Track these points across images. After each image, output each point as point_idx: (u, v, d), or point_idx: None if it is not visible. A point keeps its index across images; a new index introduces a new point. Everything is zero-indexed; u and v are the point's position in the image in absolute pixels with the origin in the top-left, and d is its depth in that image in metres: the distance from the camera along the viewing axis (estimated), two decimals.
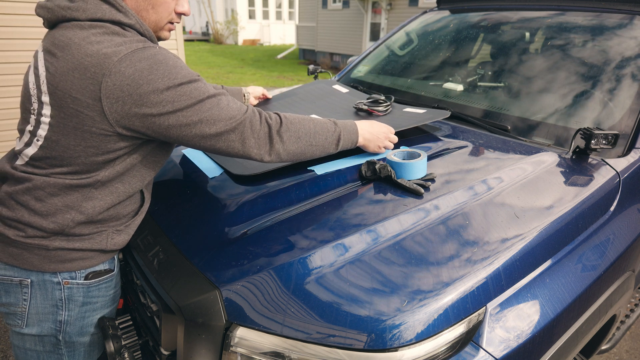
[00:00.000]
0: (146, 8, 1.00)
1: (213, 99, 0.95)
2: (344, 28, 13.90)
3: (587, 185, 1.23)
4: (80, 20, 0.91)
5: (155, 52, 0.91)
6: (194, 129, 0.93)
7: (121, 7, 0.95)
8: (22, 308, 0.98)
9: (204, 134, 0.95)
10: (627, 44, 1.59)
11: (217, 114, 0.94)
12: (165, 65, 0.90)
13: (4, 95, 3.02)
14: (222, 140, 0.97)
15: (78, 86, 0.87)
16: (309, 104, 1.77)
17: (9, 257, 0.95)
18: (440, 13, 2.46)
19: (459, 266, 0.90)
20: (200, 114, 0.93)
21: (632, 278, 1.32)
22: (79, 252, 0.99)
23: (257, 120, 1.00)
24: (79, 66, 0.86)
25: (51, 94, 0.90)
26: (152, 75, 0.88)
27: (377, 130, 1.28)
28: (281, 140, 1.03)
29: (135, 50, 0.88)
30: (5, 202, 0.95)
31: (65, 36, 0.90)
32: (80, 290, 1.01)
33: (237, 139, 0.98)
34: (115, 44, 0.88)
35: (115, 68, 0.85)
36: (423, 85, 2.03)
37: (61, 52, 0.89)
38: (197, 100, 0.92)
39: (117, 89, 0.86)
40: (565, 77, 1.62)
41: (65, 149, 0.92)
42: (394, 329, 0.79)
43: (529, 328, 0.93)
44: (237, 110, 0.98)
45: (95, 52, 0.86)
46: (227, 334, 0.86)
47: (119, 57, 0.86)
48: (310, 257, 0.91)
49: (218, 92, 0.97)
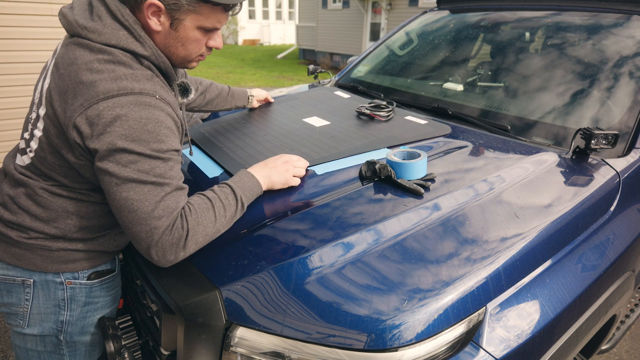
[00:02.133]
0: (175, 45, 0.96)
1: (158, 188, 0.85)
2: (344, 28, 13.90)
3: (587, 185, 1.23)
4: (93, 42, 0.88)
5: (145, 108, 0.85)
6: (117, 194, 0.84)
7: (139, 37, 0.90)
8: (24, 308, 0.98)
9: (120, 205, 0.85)
10: (627, 44, 1.59)
11: (142, 205, 0.84)
12: (144, 127, 0.84)
13: (4, 95, 3.02)
14: (129, 225, 0.86)
15: (65, 109, 0.85)
16: (311, 107, 1.79)
17: (11, 258, 0.96)
18: (440, 13, 2.46)
19: (459, 266, 0.90)
20: (130, 193, 0.83)
21: (632, 278, 1.32)
22: (82, 252, 0.99)
23: (168, 238, 0.87)
24: (72, 90, 0.85)
25: (46, 108, 0.89)
26: (125, 129, 0.82)
27: (273, 163, 1.13)
28: (184, 251, 0.90)
29: (127, 94, 0.84)
30: (7, 206, 0.96)
31: (73, 54, 0.88)
32: (83, 290, 1.01)
33: (143, 237, 0.86)
34: (114, 76, 0.85)
35: (99, 105, 0.82)
36: (423, 85, 2.03)
37: (64, 69, 0.88)
38: (141, 178, 0.84)
39: (90, 123, 0.83)
40: (565, 77, 1.62)
41: (52, 167, 0.92)
42: (394, 329, 0.79)
43: (529, 328, 0.93)
44: (161, 220, 0.85)
45: (90, 82, 0.84)
46: (227, 334, 0.86)
47: (106, 95, 0.83)
48: (310, 257, 0.91)
49: (170, 186, 0.87)
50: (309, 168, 1.25)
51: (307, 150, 1.34)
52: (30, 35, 3.00)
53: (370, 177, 1.18)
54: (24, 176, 0.95)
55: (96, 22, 0.88)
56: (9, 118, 3.09)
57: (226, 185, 1.00)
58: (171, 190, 0.87)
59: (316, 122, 1.60)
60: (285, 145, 1.38)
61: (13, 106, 3.08)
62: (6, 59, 2.96)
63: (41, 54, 3.08)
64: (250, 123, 1.62)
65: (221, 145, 1.41)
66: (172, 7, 0.89)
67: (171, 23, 0.92)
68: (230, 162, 1.29)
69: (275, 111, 1.76)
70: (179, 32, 0.93)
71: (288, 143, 1.41)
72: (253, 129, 1.55)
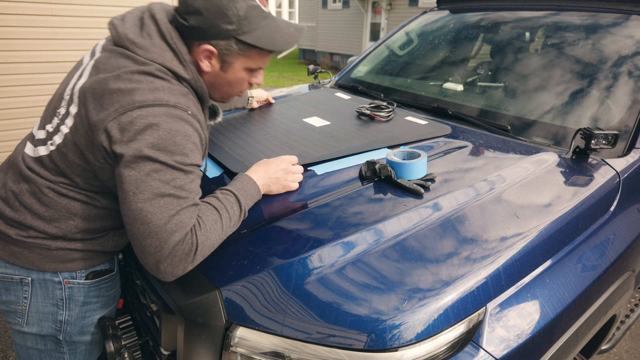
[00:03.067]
0: (221, 84, 1.03)
1: (175, 200, 0.85)
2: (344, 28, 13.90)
3: (587, 185, 1.23)
4: (138, 56, 0.91)
5: (176, 120, 0.87)
6: (132, 204, 0.84)
7: (183, 60, 0.94)
8: (23, 306, 0.98)
9: (134, 215, 0.84)
10: (627, 44, 1.59)
11: (156, 218, 0.83)
12: (173, 139, 0.85)
13: (4, 95, 3.02)
14: (139, 238, 0.85)
15: (99, 112, 0.86)
16: (311, 108, 1.79)
17: (9, 256, 0.96)
18: (440, 13, 2.46)
19: (459, 266, 0.90)
20: (147, 204, 0.83)
21: (632, 278, 1.32)
22: (80, 252, 0.99)
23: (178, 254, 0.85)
24: (108, 95, 0.86)
25: (79, 108, 0.90)
26: (155, 137, 0.84)
27: (274, 169, 1.11)
28: (192, 264, 0.89)
29: (162, 105, 0.86)
30: (9, 202, 0.95)
31: (116, 62, 0.90)
32: (81, 289, 1.01)
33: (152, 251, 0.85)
34: (152, 87, 0.87)
35: (133, 113, 0.84)
36: (423, 85, 2.03)
37: (104, 74, 0.89)
38: (160, 189, 0.84)
39: (121, 129, 0.84)
40: (565, 77, 1.62)
41: (70, 164, 0.92)
42: (394, 329, 0.79)
43: (529, 328, 0.93)
44: (173, 235, 0.84)
45: (128, 90, 0.86)
46: (227, 334, 0.86)
47: (142, 104, 0.85)
48: (310, 257, 0.91)
49: (187, 200, 0.87)
50: (309, 168, 1.25)
51: (307, 150, 1.34)
52: (30, 35, 3.00)
53: (370, 177, 1.18)
54: (31, 171, 0.95)
55: (145, 40, 0.92)
56: (9, 118, 3.09)
57: (230, 194, 1.00)
58: (187, 205, 0.87)
59: (316, 122, 1.60)
60: (285, 145, 1.38)
61: (13, 106, 3.08)
62: (6, 59, 2.96)
63: (41, 54, 3.08)
64: (250, 122, 1.62)
65: (221, 144, 1.41)
66: (224, 51, 0.96)
67: (221, 66, 0.99)
68: (230, 161, 1.29)
69: (275, 111, 1.76)
70: (228, 73, 1.00)
71: (288, 142, 1.41)
72: (253, 129, 1.55)
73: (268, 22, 0.98)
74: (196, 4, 0.92)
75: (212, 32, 0.93)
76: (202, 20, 0.92)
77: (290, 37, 1.01)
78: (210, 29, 0.93)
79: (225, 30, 0.93)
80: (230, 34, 0.94)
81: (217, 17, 0.92)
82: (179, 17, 0.95)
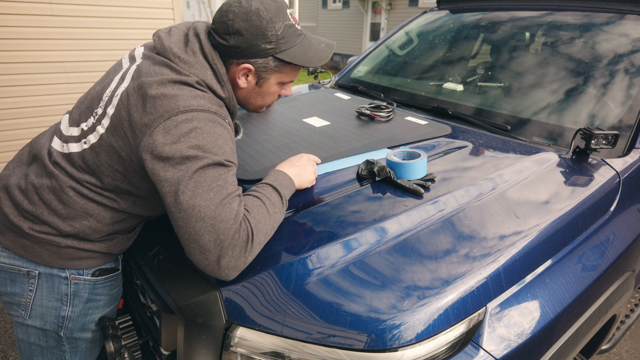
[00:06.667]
0: (255, 97, 1.08)
1: (222, 191, 0.86)
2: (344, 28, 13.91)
3: (587, 185, 1.23)
4: (181, 69, 0.94)
5: (218, 126, 0.91)
6: (183, 203, 0.84)
7: (222, 80, 0.99)
8: (27, 299, 0.99)
9: (187, 215, 0.84)
10: (626, 44, 1.59)
11: (209, 211, 0.83)
12: (215, 142, 0.88)
13: (4, 95, 3.02)
14: (196, 237, 0.84)
15: (142, 116, 0.88)
16: (311, 108, 1.79)
17: (19, 248, 0.97)
18: (440, 13, 2.46)
19: (459, 266, 0.90)
20: (197, 199, 0.83)
21: (632, 278, 1.32)
22: (88, 252, 1.01)
23: (238, 242, 0.85)
24: (152, 100, 0.88)
25: (117, 110, 0.92)
26: (199, 140, 0.86)
27: (297, 159, 1.15)
28: (251, 254, 0.89)
29: (205, 111, 0.90)
30: (28, 195, 0.96)
31: (160, 70, 0.93)
32: (87, 286, 1.03)
33: (211, 247, 0.84)
34: (194, 95, 0.90)
35: (178, 117, 0.86)
36: (423, 85, 2.03)
37: (146, 78, 0.91)
38: (208, 184, 0.85)
39: (166, 132, 0.86)
40: (565, 77, 1.62)
41: (100, 164, 0.94)
42: (394, 329, 0.79)
43: (529, 328, 0.93)
44: (229, 224, 0.84)
45: (172, 95, 0.88)
46: (227, 334, 0.86)
47: (186, 109, 0.88)
48: (310, 257, 0.91)
49: (233, 191, 0.88)
50: None
51: (306, 151, 1.34)
52: (30, 35, 3.00)
53: (369, 177, 1.18)
54: (55, 167, 0.96)
55: (189, 56, 0.96)
56: (9, 118, 3.09)
57: (265, 185, 1.01)
58: (234, 195, 0.88)
59: (316, 123, 1.60)
60: (285, 146, 1.38)
61: (13, 106, 3.08)
62: (6, 59, 2.96)
63: (41, 54, 3.08)
64: (249, 123, 1.62)
65: None
66: (261, 68, 1.01)
67: (257, 82, 1.04)
68: None
69: (275, 111, 1.76)
70: (262, 88, 1.06)
71: (288, 143, 1.41)
72: (252, 129, 1.55)
73: (302, 39, 1.04)
74: (237, 25, 0.95)
75: (251, 52, 0.97)
76: (242, 41, 0.96)
77: (322, 54, 1.06)
78: (250, 48, 0.97)
79: (265, 49, 0.98)
80: (269, 53, 0.99)
81: (257, 38, 0.96)
82: (218, 36, 0.98)
